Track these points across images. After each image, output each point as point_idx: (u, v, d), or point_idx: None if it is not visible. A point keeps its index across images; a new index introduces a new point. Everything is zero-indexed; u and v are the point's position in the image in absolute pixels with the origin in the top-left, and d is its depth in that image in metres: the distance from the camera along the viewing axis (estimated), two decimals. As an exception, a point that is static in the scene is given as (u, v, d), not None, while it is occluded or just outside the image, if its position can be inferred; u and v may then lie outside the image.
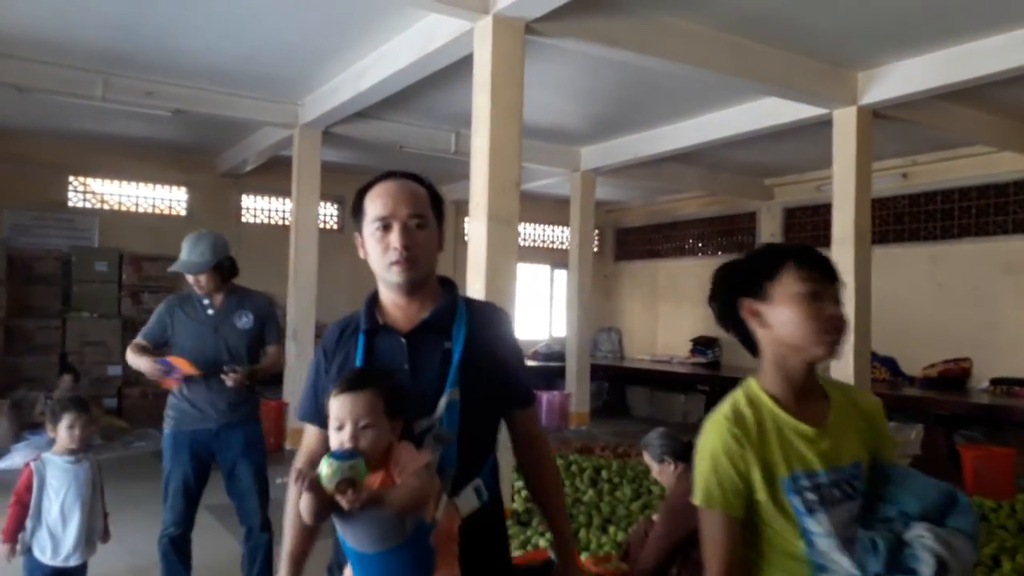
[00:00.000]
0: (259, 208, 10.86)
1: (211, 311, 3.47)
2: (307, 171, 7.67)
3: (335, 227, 11.21)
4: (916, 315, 8.54)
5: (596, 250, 12.26)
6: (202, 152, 9.88)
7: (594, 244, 11.41)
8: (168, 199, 10.21)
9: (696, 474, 1.52)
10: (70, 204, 9.56)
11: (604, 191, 10.99)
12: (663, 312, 12.61)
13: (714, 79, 5.70)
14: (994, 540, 4.65)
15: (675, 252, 12.58)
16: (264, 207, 10.89)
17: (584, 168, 9.27)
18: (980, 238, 8.58)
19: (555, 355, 10.76)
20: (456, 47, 4.99)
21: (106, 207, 9.84)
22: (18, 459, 6.11)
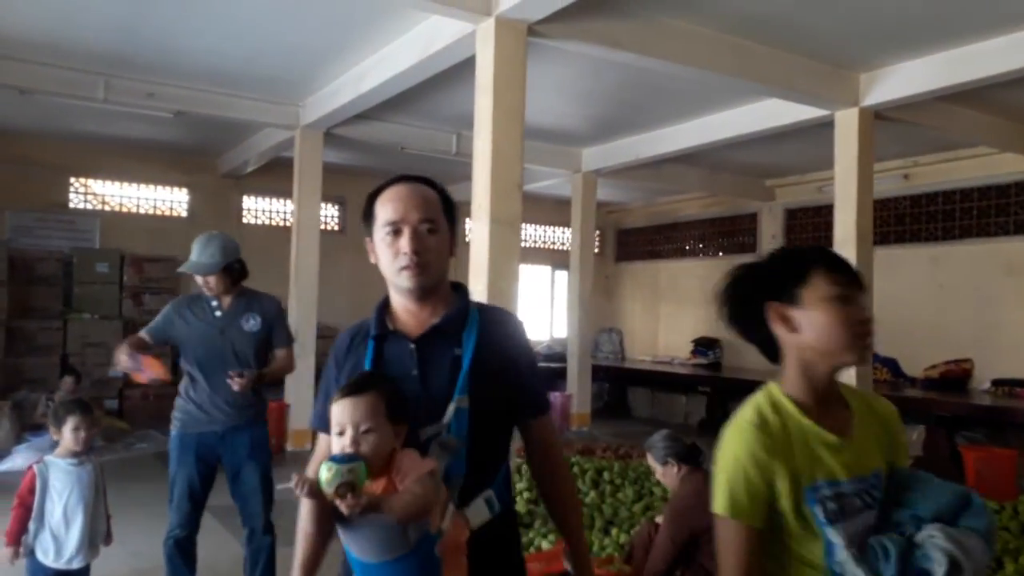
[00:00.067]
0: (260, 209, 10.86)
1: (219, 313, 3.44)
2: (308, 172, 7.66)
3: (336, 228, 11.21)
4: (917, 316, 8.53)
5: (597, 251, 12.26)
6: (203, 153, 9.88)
7: (595, 245, 11.41)
8: (169, 200, 10.22)
9: (718, 481, 1.45)
10: (71, 205, 9.57)
11: (605, 192, 11.00)
12: (664, 313, 12.61)
13: (716, 80, 5.71)
14: (997, 542, 4.65)
15: (676, 253, 12.59)
16: (265, 208, 10.90)
17: (585, 169, 9.28)
18: (981, 239, 8.58)
19: (556, 356, 10.75)
20: (458, 49, 4.99)
21: (107, 208, 9.84)
22: (19, 460, 6.09)
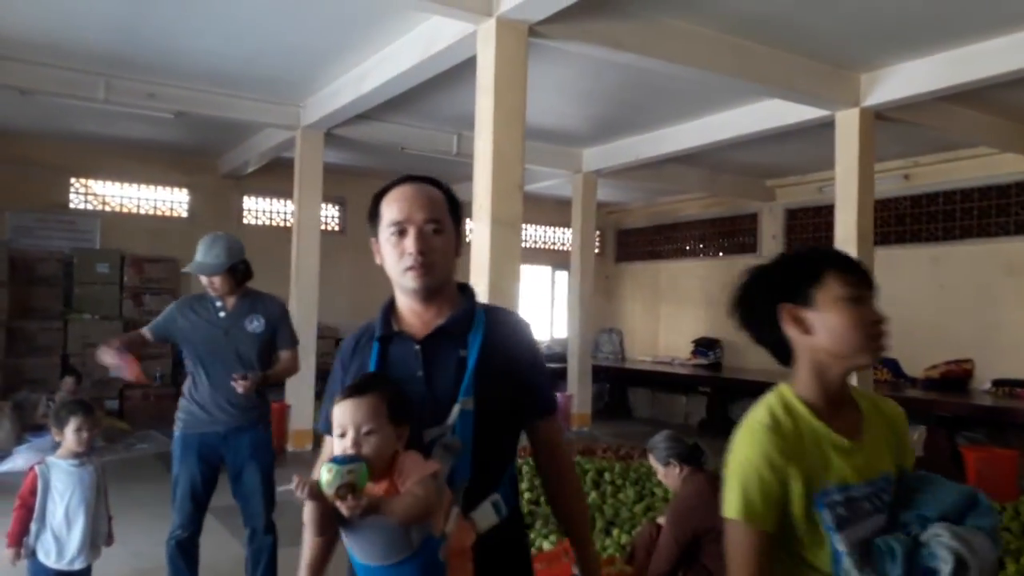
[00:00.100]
0: (260, 210, 10.86)
1: (222, 314, 3.43)
2: (309, 173, 7.66)
3: (336, 229, 11.20)
4: (918, 316, 8.52)
5: (597, 251, 12.26)
6: (203, 154, 9.88)
7: (595, 245, 11.39)
8: (169, 201, 10.21)
9: (731, 484, 1.42)
10: (72, 206, 9.57)
11: (606, 192, 11.00)
12: (664, 313, 12.61)
13: (716, 81, 5.71)
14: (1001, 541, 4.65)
15: (676, 253, 12.59)
16: (265, 208, 10.89)
17: (586, 169, 9.28)
18: (982, 239, 8.59)
19: (556, 356, 10.75)
20: (459, 49, 4.99)
21: (108, 209, 9.84)
22: (20, 461, 6.09)
